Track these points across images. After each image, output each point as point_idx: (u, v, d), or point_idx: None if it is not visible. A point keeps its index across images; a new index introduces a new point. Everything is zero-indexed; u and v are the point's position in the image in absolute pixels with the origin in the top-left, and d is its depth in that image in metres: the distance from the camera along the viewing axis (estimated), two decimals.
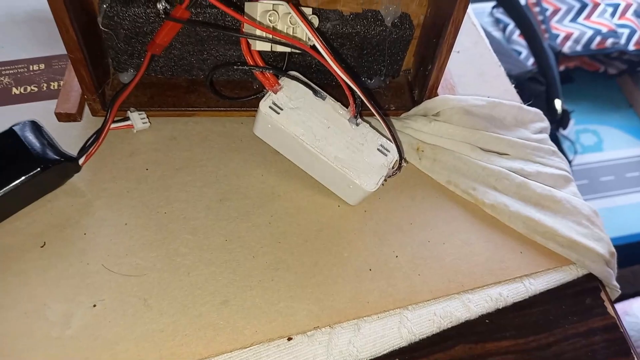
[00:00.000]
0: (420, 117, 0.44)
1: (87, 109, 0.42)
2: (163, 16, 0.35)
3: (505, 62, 1.10)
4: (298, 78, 0.38)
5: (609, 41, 1.15)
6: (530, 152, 0.43)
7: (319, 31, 0.40)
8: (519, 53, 1.15)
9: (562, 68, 1.18)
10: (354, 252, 0.39)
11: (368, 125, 0.40)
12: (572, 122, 1.14)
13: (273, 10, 0.35)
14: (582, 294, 0.39)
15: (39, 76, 0.45)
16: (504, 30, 1.18)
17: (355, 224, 0.40)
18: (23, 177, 0.36)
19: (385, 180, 0.38)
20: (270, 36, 0.35)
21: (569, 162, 1.06)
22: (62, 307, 0.34)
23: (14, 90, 0.44)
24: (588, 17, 1.19)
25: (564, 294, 0.39)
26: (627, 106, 1.29)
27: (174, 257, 0.37)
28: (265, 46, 0.36)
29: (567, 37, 1.16)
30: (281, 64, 0.41)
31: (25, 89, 0.44)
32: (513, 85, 0.51)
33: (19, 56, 0.47)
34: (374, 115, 0.38)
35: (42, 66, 0.46)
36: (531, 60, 1.11)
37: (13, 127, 0.38)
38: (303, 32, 0.36)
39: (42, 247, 0.37)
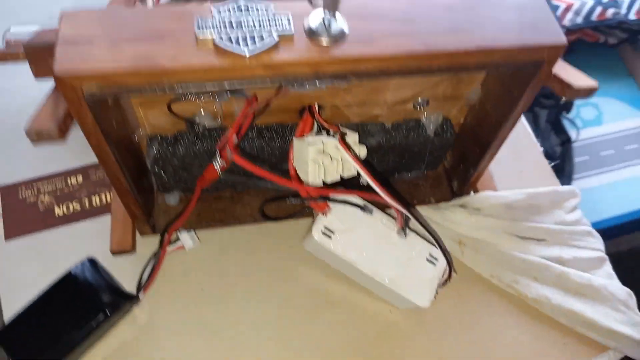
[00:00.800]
0: (458, 209, 0.45)
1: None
2: (220, 173, 0.35)
3: None
4: (347, 201, 0.39)
5: (610, 11, 1.13)
6: (566, 237, 0.45)
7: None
8: None
9: None
10: None
11: (415, 234, 0.41)
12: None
13: (324, 151, 0.35)
14: None
15: (79, 191, 0.45)
16: None
17: (408, 330, 0.42)
18: (88, 326, 0.37)
19: (437, 292, 0.40)
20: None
21: (572, 142, 1.08)
22: None
23: (57, 210, 0.44)
24: None
25: None
26: (627, 75, 1.28)
27: None
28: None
29: (567, 9, 1.14)
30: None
31: (67, 208, 0.44)
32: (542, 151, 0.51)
33: (56, 169, 0.46)
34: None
35: (80, 178, 0.45)
36: None
37: (72, 271, 0.39)
38: (350, 163, 0.37)
39: None
